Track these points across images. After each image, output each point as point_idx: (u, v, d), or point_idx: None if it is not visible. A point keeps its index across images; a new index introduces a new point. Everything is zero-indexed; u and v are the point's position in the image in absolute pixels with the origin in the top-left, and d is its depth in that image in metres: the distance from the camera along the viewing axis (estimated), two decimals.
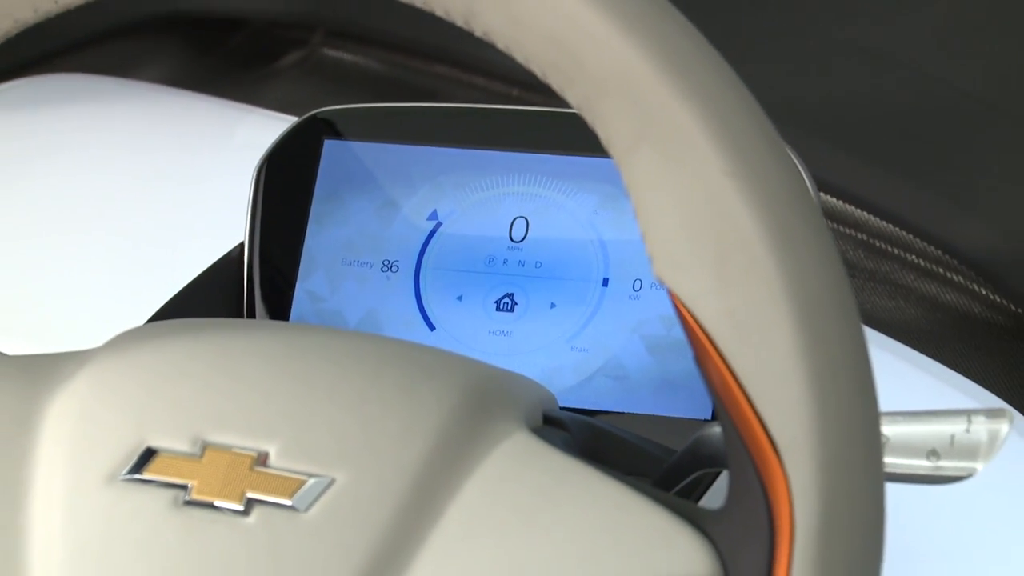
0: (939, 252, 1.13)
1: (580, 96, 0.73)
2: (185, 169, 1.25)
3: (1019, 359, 1.12)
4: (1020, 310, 1.12)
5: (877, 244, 1.15)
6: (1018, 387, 1.09)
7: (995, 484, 0.84)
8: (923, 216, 1.12)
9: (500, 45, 0.74)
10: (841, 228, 1.12)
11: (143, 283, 1.07)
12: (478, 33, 0.74)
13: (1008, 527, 1.06)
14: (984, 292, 1.13)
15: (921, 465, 0.81)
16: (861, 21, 1.27)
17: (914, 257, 1.14)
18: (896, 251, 1.15)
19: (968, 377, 1.09)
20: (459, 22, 0.74)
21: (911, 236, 1.13)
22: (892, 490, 0.74)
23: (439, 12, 0.75)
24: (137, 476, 0.77)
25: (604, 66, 0.73)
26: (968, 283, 1.12)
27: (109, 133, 1.32)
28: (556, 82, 0.74)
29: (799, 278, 0.71)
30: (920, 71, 1.21)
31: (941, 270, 1.13)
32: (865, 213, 1.14)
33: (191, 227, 1.13)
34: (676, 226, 0.73)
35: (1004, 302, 1.12)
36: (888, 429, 0.77)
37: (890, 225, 1.14)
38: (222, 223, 1.11)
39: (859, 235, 1.13)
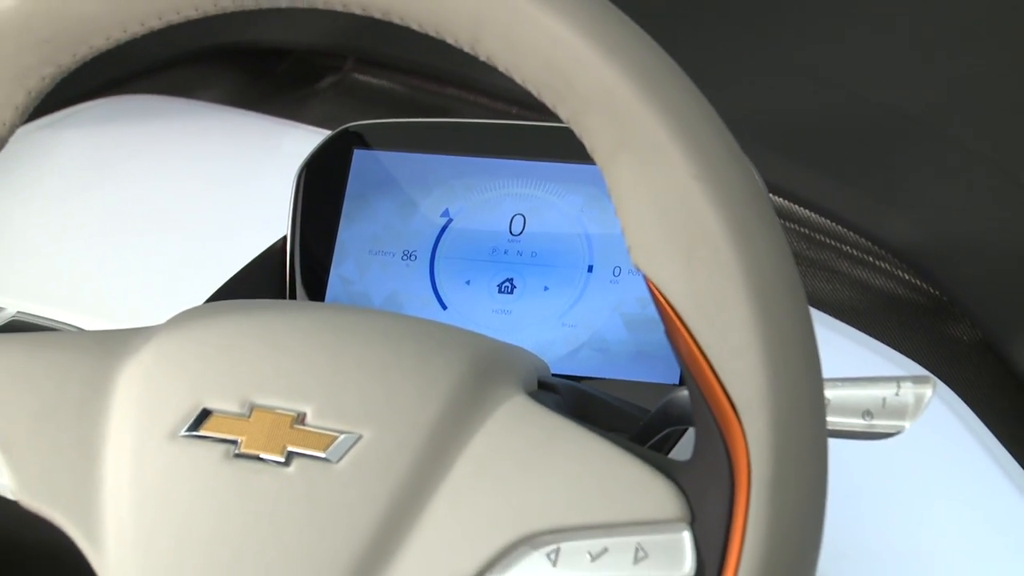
0: (869, 243, 1.12)
1: (569, 111, 0.73)
2: (238, 175, 1.25)
3: (938, 333, 1.11)
4: (937, 292, 1.12)
5: (817, 237, 1.14)
6: (937, 357, 1.09)
7: (919, 439, 0.83)
8: (856, 213, 1.12)
9: (501, 68, 0.74)
10: (787, 224, 1.11)
11: (202, 270, 1.07)
12: (482, 58, 0.74)
13: (929, 475, 1.05)
14: (907, 277, 1.13)
15: (857, 424, 0.80)
16: (806, 50, 1.26)
17: (848, 248, 1.13)
18: (833, 243, 1.14)
19: (895, 349, 1.08)
20: (467, 48, 0.74)
21: (845, 230, 1.13)
22: (833, 444, 0.74)
23: (450, 40, 0.74)
24: (194, 433, 0.77)
25: (589, 86, 0.72)
26: (893, 269, 1.12)
27: (174, 145, 1.32)
28: (548, 99, 0.74)
29: (755, 266, 0.71)
30: (854, 91, 1.20)
31: (870, 258, 1.13)
32: (807, 211, 1.14)
33: (242, 223, 1.13)
34: (651, 222, 0.73)
35: (924, 285, 1.11)
36: (829, 393, 0.76)
37: (828, 221, 1.13)
38: (268, 219, 1.11)
39: (802, 229, 1.12)
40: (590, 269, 1.02)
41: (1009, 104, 1.20)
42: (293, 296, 1.08)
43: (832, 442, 0.74)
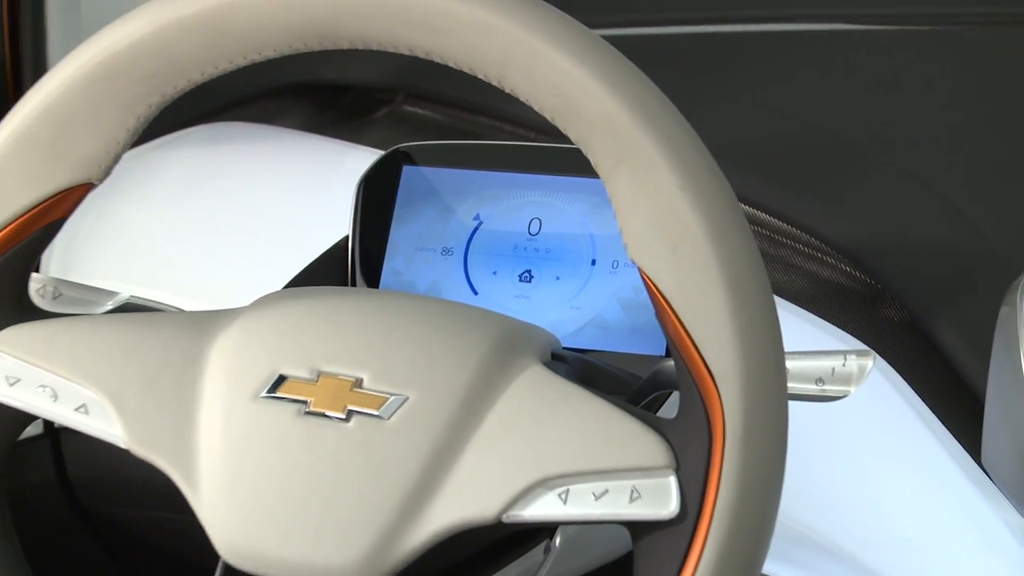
0: (818, 243, 1.12)
1: (577, 134, 0.73)
2: (310, 186, 1.24)
3: (873, 315, 1.11)
4: (872, 281, 1.11)
5: (777, 237, 1.14)
6: (872, 335, 1.08)
7: (861, 402, 0.83)
8: (808, 219, 1.11)
9: (522, 99, 0.74)
10: (754, 227, 1.11)
11: (280, 262, 1.06)
12: (507, 90, 0.74)
13: (868, 429, 1.04)
14: (848, 269, 1.12)
15: (812, 389, 0.80)
16: (769, 90, 1.27)
17: (801, 246, 1.13)
18: (789, 242, 1.14)
19: (840, 328, 1.07)
20: (494, 82, 0.74)
21: (800, 232, 1.13)
22: (791, 405, 0.74)
23: (480, 75, 0.74)
24: (272, 395, 0.77)
25: (594, 114, 0.72)
26: (837, 263, 1.12)
27: (259, 163, 1.31)
28: (560, 124, 0.74)
29: (728, 260, 0.71)
30: (807, 123, 1.21)
31: (819, 255, 1.12)
32: (770, 216, 1.14)
33: (313, 225, 1.12)
34: (644, 224, 0.72)
35: (861, 276, 1.11)
36: (789, 363, 0.74)
37: (786, 225, 1.13)
38: (334, 222, 1.09)
39: (765, 231, 1.12)
40: (593, 263, 1.01)
41: (929, 135, 1.20)
42: (353, 284, 1.06)
43: (791, 403, 0.74)
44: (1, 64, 1.27)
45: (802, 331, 1.07)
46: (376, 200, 1.07)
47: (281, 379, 0.77)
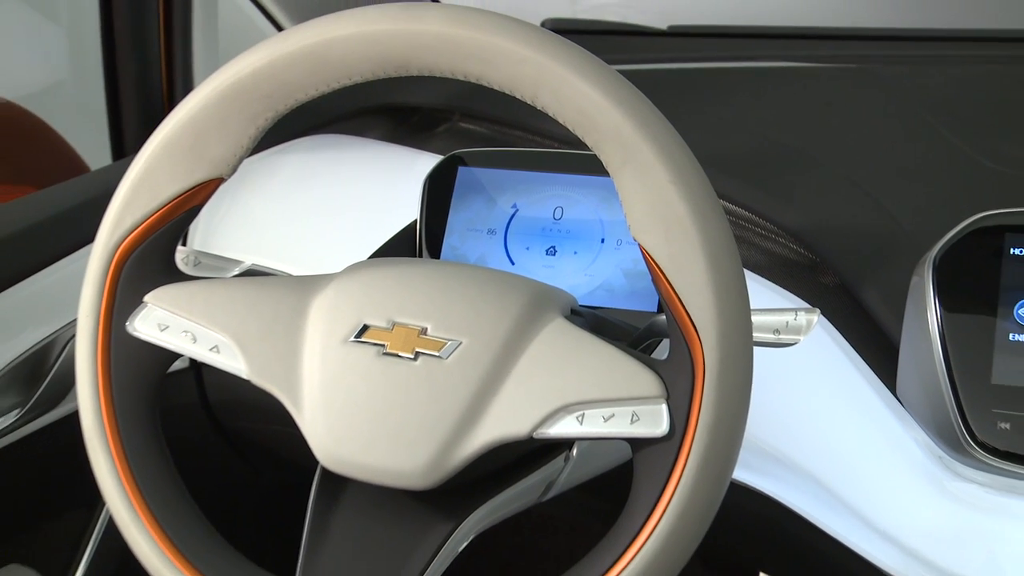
0: (773, 227, 1.11)
1: (592, 141, 0.72)
2: (389, 182, 1.22)
3: (814, 281, 1.09)
4: (813, 256, 1.09)
5: (741, 222, 1.12)
6: (814, 296, 1.06)
7: (807, 348, 0.81)
8: (766, 208, 1.12)
9: (550, 114, 0.74)
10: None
11: (365, 239, 1.04)
12: (539, 108, 0.74)
13: (811, 368, 1.02)
14: (795, 247, 1.10)
15: (770, 337, 0.79)
16: (736, 110, 1.26)
17: (760, 229, 1.12)
18: (751, 226, 1.13)
19: (789, 291, 1.05)
20: (528, 101, 0.74)
21: (759, 218, 1.12)
22: (755, 351, 0.74)
23: (518, 96, 0.74)
24: (358, 339, 0.77)
25: (606, 125, 0.71)
26: (787, 242, 1.10)
27: (351, 165, 1.29)
28: (579, 133, 0.73)
29: (708, 239, 0.71)
30: (765, 136, 1.20)
31: (774, 236, 1.11)
32: (736, 207, 1.13)
33: (391, 211, 1.10)
34: (644, 211, 0.72)
35: (806, 252, 1.09)
36: (753, 317, 0.74)
37: (749, 213, 1.12)
38: (407, 209, 1.07)
39: (733, 218, 1.12)
40: (602, 241, 1.00)
41: (856, 145, 1.18)
42: (420, 255, 1.05)
43: (755, 349, 0.74)
44: (159, 86, 1.26)
45: (762, 294, 1.05)
46: (438, 193, 1.05)
47: (365, 328, 0.77)
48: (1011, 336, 0.94)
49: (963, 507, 0.95)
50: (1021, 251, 0.96)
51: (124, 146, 1.30)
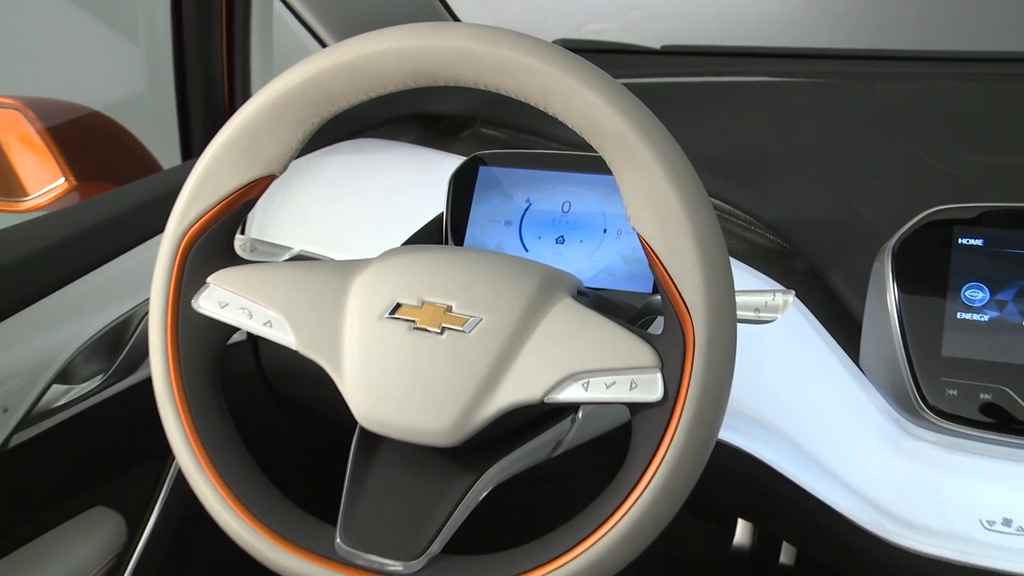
0: (752, 219, 1.09)
1: (597, 143, 0.70)
2: (419, 180, 1.19)
3: (788, 266, 1.07)
4: (788, 245, 1.07)
5: (725, 216, 1.11)
6: (788, 279, 1.05)
7: (783, 324, 0.80)
8: (748, 203, 1.10)
9: (560, 119, 0.71)
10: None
11: (398, 229, 1.03)
12: (550, 113, 0.72)
13: (786, 340, 1.00)
14: (772, 237, 1.08)
15: (752, 315, 0.78)
16: (722, 118, 1.25)
17: (741, 222, 1.10)
18: (734, 219, 1.11)
19: (767, 275, 1.04)
20: (541, 108, 0.72)
21: (741, 212, 1.10)
22: (739, 327, 0.73)
23: (531, 103, 0.72)
24: (391, 316, 0.76)
25: (609, 129, 0.70)
26: (765, 232, 1.08)
27: (386, 165, 1.27)
28: (585, 136, 0.72)
29: (698, 229, 0.70)
30: (747, 141, 1.19)
31: (753, 227, 1.09)
32: (721, 202, 1.12)
33: (421, 204, 1.08)
34: (642, 205, 0.70)
35: (781, 241, 1.07)
36: (736, 298, 0.72)
37: (732, 207, 1.11)
38: (435, 203, 1.06)
39: (718, 212, 1.11)
40: (605, 231, 0.98)
41: (825, 149, 1.15)
42: (446, 243, 1.03)
43: (738, 325, 0.73)
44: (222, 96, 1.27)
45: (743, 277, 1.03)
46: (461, 189, 1.04)
47: (397, 306, 0.75)
48: (958, 315, 0.94)
49: (915, 462, 0.95)
50: (968, 241, 0.96)
51: (191, 148, 1.30)
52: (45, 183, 1.24)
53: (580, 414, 0.84)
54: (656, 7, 1.67)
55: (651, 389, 0.70)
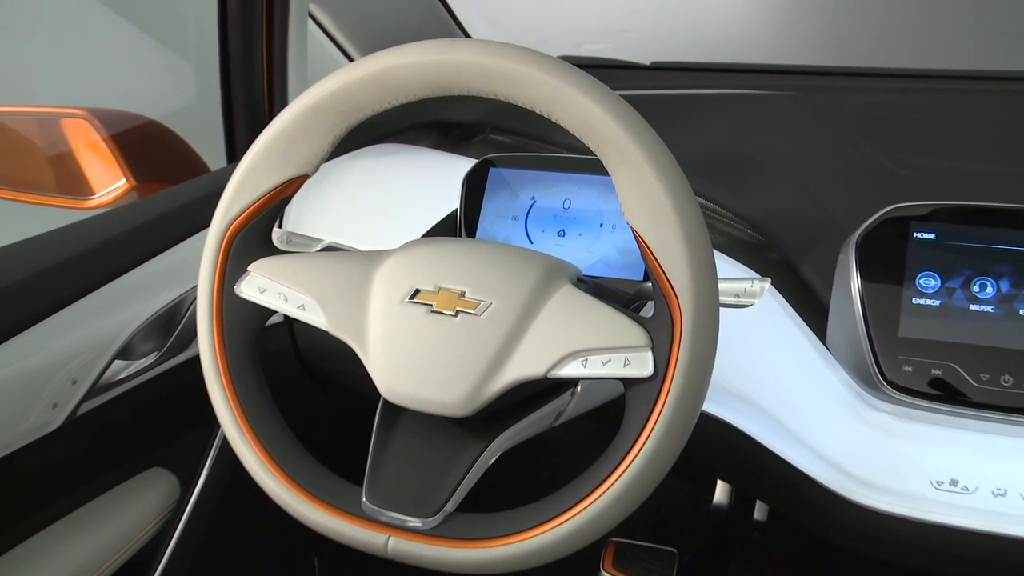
0: (731, 215, 1.08)
1: (595, 146, 0.68)
2: (436, 180, 1.17)
3: (764, 258, 1.05)
4: (763, 238, 1.06)
5: (709, 212, 1.10)
6: (763, 269, 1.04)
7: (760, 308, 0.78)
8: (727, 201, 1.09)
9: (562, 125, 0.69)
10: None
11: (418, 223, 1.01)
12: (553, 120, 0.70)
13: (763, 326, 0.99)
14: (749, 231, 1.07)
15: (732, 300, 0.76)
16: (706, 125, 1.22)
17: (723, 217, 1.09)
18: (716, 215, 1.10)
19: (745, 265, 1.03)
20: (545, 115, 0.70)
21: (722, 209, 1.08)
22: (721, 311, 0.72)
23: (537, 111, 0.71)
24: (411, 301, 0.75)
25: (606, 134, 0.69)
26: (743, 227, 1.07)
27: (408, 166, 1.24)
28: (585, 140, 0.70)
29: (685, 224, 0.68)
30: (728, 145, 1.18)
31: (733, 222, 1.08)
32: (704, 199, 1.11)
33: (438, 201, 1.06)
34: (635, 202, 0.69)
35: (758, 236, 1.06)
36: (719, 284, 0.72)
37: (715, 204, 1.09)
38: (451, 200, 1.04)
39: (702, 209, 1.08)
40: (601, 225, 0.96)
41: (795, 153, 1.14)
42: (460, 236, 1.01)
43: (721, 309, 0.72)
44: (262, 106, 1.26)
45: (725, 267, 1.02)
46: (474, 188, 1.02)
47: (416, 291, 0.74)
48: (913, 300, 0.93)
49: (874, 430, 0.94)
50: (922, 235, 0.95)
51: (235, 152, 1.29)
52: (108, 183, 1.24)
53: (579, 388, 0.83)
54: (646, 29, 1.66)
55: (642, 366, 0.69)
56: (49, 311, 0.92)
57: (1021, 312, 0.91)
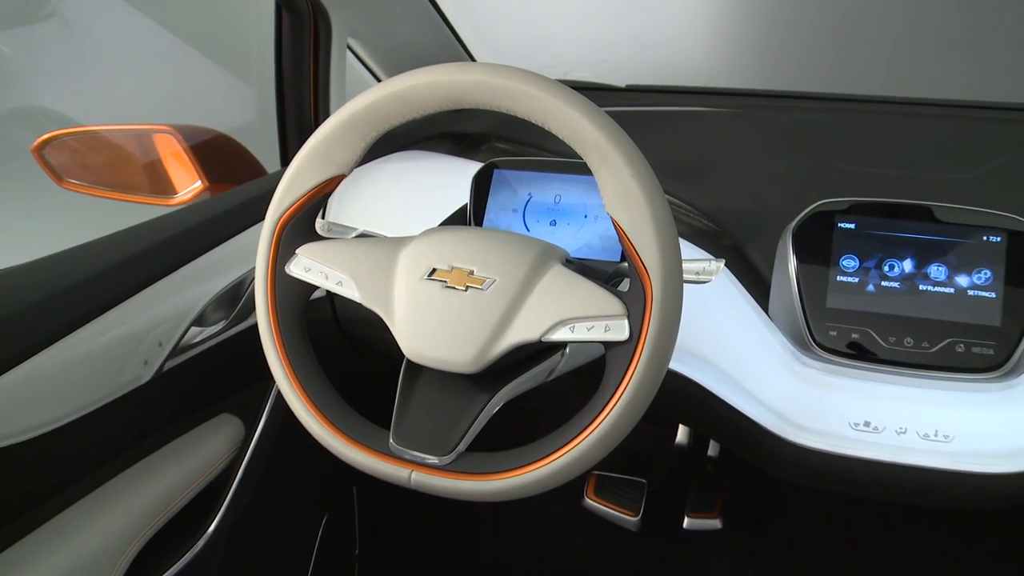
0: (692, 208, 1.06)
1: (581, 151, 0.65)
2: (449, 181, 1.13)
3: (718, 244, 1.03)
4: (718, 227, 1.03)
5: (674, 206, 1.08)
6: (718, 254, 1.01)
7: (715, 286, 0.76)
8: (688, 196, 1.07)
9: (554, 132, 0.67)
10: None
11: (435, 214, 1.00)
12: (547, 129, 0.66)
13: (718, 299, 0.96)
14: (707, 222, 1.05)
15: (693, 277, 0.74)
16: (672, 136, 1.23)
17: (684, 210, 1.07)
18: (680, 209, 1.08)
19: (702, 249, 1.01)
20: (539, 124, 0.67)
21: (685, 203, 1.06)
22: (685, 287, 0.69)
23: (533, 121, 0.68)
24: (429, 278, 0.72)
25: (590, 140, 0.67)
26: (701, 218, 1.04)
27: (427, 170, 1.21)
28: (572, 145, 0.68)
29: (655, 214, 0.66)
30: (690, 152, 1.16)
31: (694, 214, 1.06)
32: (670, 196, 1.09)
33: (451, 197, 1.04)
34: (615, 196, 0.67)
35: (713, 225, 1.04)
36: (683, 264, 0.69)
37: (679, 199, 1.07)
38: (462, 196, 1.01)
39: (669, 202, 1.05)
40: (586, 216, 0.93)
41: (743, 158, 1.12)
42: (470, 225, 0.98)
43: (684, 285, 0.70)
44: (309, 121, 1.23)
45: (687, 251, 1.00)
46: (481, 186, 0.99)
47: (433, 270, 0.71)
48: (838, 278, 0.93)
49: (805, 383, 0.93)
50: (844, 225, 0.94)
51: (287, 158, 1.27)
52: (187, 185, 1.22)
53: (567, 350, 0.81)
54: (622, 60, 1.65)
55: (620, 331, 0.67)
56: (141, 286, 0.91)
57: (920, 288, 0.91)
